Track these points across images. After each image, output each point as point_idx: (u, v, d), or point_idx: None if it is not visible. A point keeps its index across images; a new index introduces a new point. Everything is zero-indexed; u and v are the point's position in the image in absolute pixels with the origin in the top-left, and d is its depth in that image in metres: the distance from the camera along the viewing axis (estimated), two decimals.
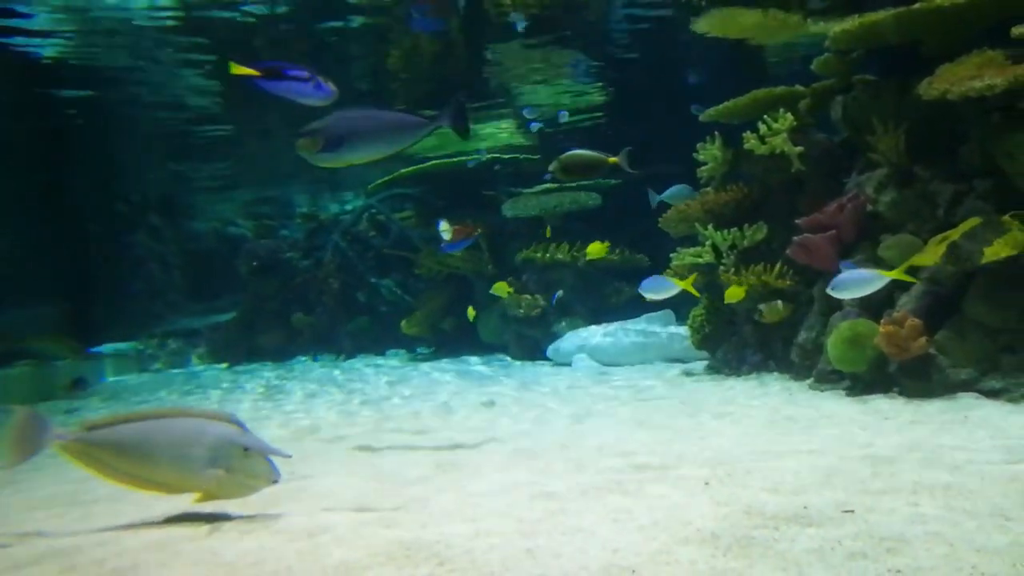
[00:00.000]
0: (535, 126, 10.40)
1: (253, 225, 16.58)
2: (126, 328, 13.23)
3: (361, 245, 13.28)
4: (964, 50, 5.70)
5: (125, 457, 3.38)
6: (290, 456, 3.64)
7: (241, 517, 3.62)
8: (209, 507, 3.53)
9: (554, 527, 3.15)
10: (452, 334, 11.49)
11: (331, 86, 4.12)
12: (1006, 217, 5.38)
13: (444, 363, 10.57)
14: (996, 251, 5.19)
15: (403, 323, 11.62)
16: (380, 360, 11.73)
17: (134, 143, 13.04)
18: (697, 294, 7.29)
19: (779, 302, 6.73)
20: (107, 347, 12.48)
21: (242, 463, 3.36)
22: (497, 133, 13.39)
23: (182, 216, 16.64)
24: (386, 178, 12.11)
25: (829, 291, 5.47)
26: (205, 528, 3.45)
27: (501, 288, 9.15)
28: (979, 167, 5.81)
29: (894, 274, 5.27)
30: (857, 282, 5.29)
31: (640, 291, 6.67)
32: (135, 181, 15.33)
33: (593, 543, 2.90)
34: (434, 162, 11.75)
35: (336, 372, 10.61)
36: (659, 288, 6.63)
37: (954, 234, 5.44)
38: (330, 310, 12.98)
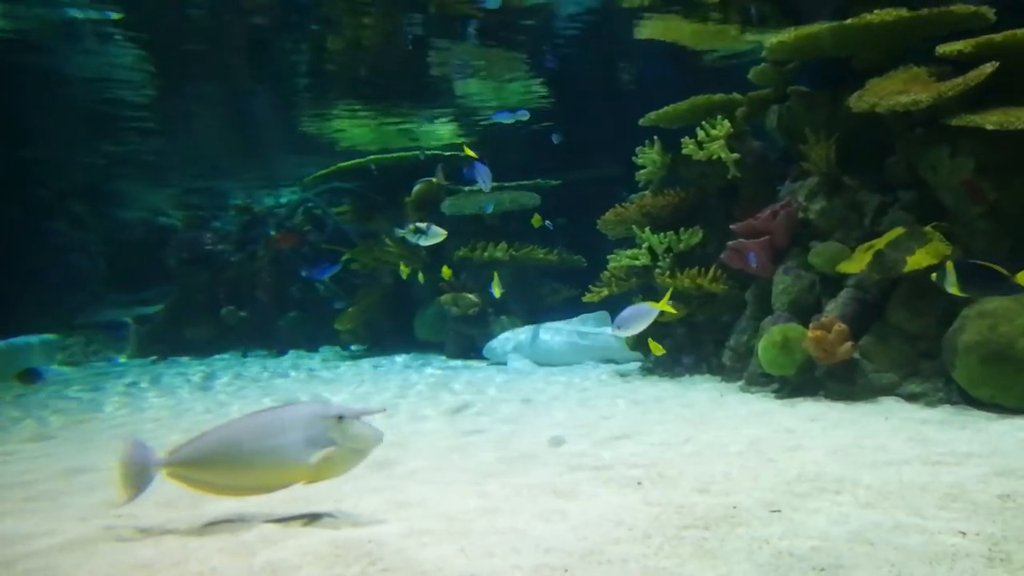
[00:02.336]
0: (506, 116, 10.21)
1: (184, 216, 16.12)
2: (43, 319, 12.68)
3: (296, 239, 13.03)
4: (893, 65, 5.91)
5: (223, 468, 3.16)
6: (384, 411, 3.48)
7: (162, 517, 3.51)
8: (130, 509, 3.40)
9: (487, 526, 3.14)
10: (388, 331, 11.37)
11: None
12: (928, 228, 5.59)
13: (379, 360, 10.45)
14: (918, 260, 5.38)
15: (337, 320, 11.46)
16: (312, 357, 11.53)
17: (52, 122, 12.40)
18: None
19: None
20: (23, 339, 11.96)
21: (342, 433, 3.14)
22: (437, 130, 13.31)
23: (108, 204, 16.05)
24: (323, 171, 11.91)
25: (614, 332, 5.46)
26: (129, 530, 3.33)
27: (446, 272, 9.02)
28: (904, 179, 6.02)
29: (660, 305, 5.30)
30: (636, 317, 5.27)
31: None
32: (56, 166, 14.67)
33: (526, 542, 2.90)
34: (373, 157, 11.61)
35: (262, 369, 10.39)
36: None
37: (879, 243, 5.62)
38: (262, 305, 12.72)
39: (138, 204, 17.33)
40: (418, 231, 7.06)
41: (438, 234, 7.09)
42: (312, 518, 3.37)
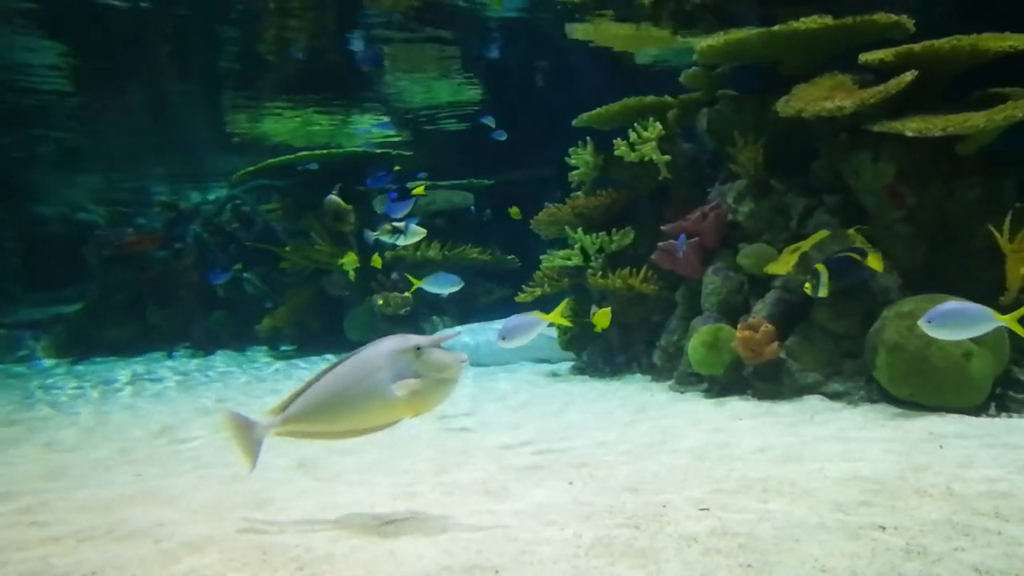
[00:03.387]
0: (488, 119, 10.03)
1: (105, 212, 15.55)
2: None
3: (223, 237, 12.70)
4: (818, 72, 6.06)
5: (326, 416, 3.14)
6: (459, 333, 3.35)
7: (82, 521, 3.35)
8: (31, 516, 3.24)
9: (417, 528, 3.09)
10: (318, 331, 11.17)
11: None
12: (851, 231, 5.75)
13: (310, 360, 10.26)
14: None
15: (265, 319, 11.20)
16: (240, 357, 11.24)
17: None
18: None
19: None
20: None
21: (424, 363, 3.06)
22: (369, 128, 13.16)
23: (21, 198, 15.35)
24: (251, 168, 11.63)
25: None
26: (35, 535, 3.17)
27: (351, 260, 8.63)
28: (829, 183, 6.18)
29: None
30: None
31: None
32: None
33: (456, 544, 2.86)
34: (303, 154, 11.40)
35: (192, 368, 10.10)
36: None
37: (805, 245, 5.76)
38: (188, 304, 12.35)
39: (55, 199, 16.63)
40: (395, 231, 6.76)
41: (417, 233, 6.80)
42: (238, 522, 3.27)
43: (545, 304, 8.61)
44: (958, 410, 4.98)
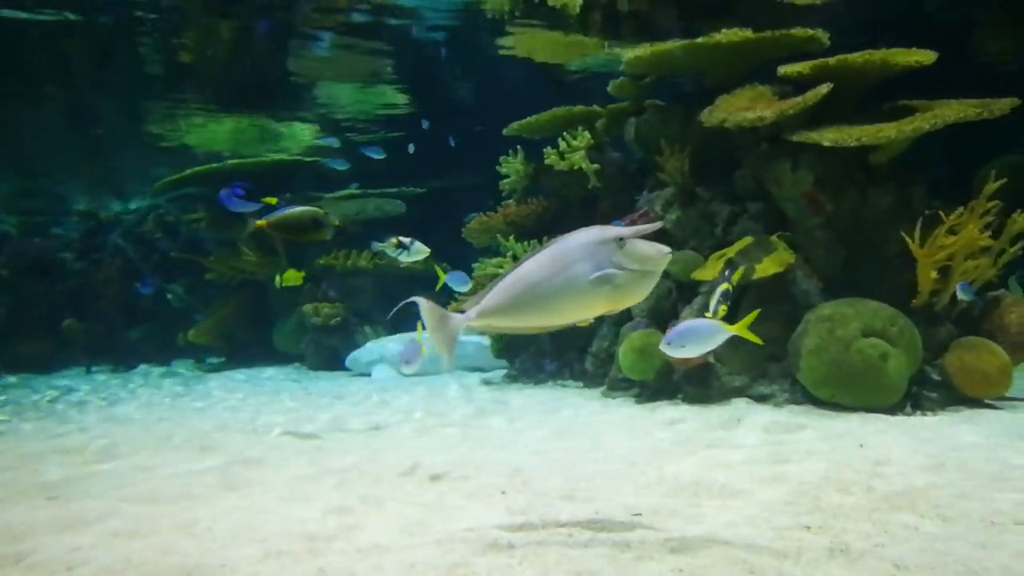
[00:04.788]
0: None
1: (17, 221, 14.89)
2: None
3: (146, 247, 12.31)
4: (740, 84, 6.23)
5: (520, 310, 2.95)
6: (661, 225, 3.14)
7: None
8: None
9: (348, 544, 3.03)
10: (246, 343, 10.92)
11: None
12: (774, 237, 5.92)
13: (238, 373, 10.02)
14: (765, 268, 5.69)
15: (190, 331, 10.89)
16: (164, 371, 10.90)
17: None
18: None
19: None
20: None
21: (627, 255, 2.86)
22: (299, 134, 12.95)
23: None
24: (175, 176, 11.31)
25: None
26: None
27: (293, 277, 8.34)
28: (752, 191, 6.35)
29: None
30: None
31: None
32: None
33: (388, 558, 2.82)
34: (231, 161, 11.15)
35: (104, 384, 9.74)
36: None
37: (730, 252, 5.90)
38: (108, 316, 11.92)
39: None
40: (400, 246, 6.57)
41: (422, 251, 6.64)
42: (160, 542, 3.15)
43: None
44: (877, 409, 5.17)
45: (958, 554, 2.66)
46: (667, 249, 2.88)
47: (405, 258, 6.54)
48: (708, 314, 4.67)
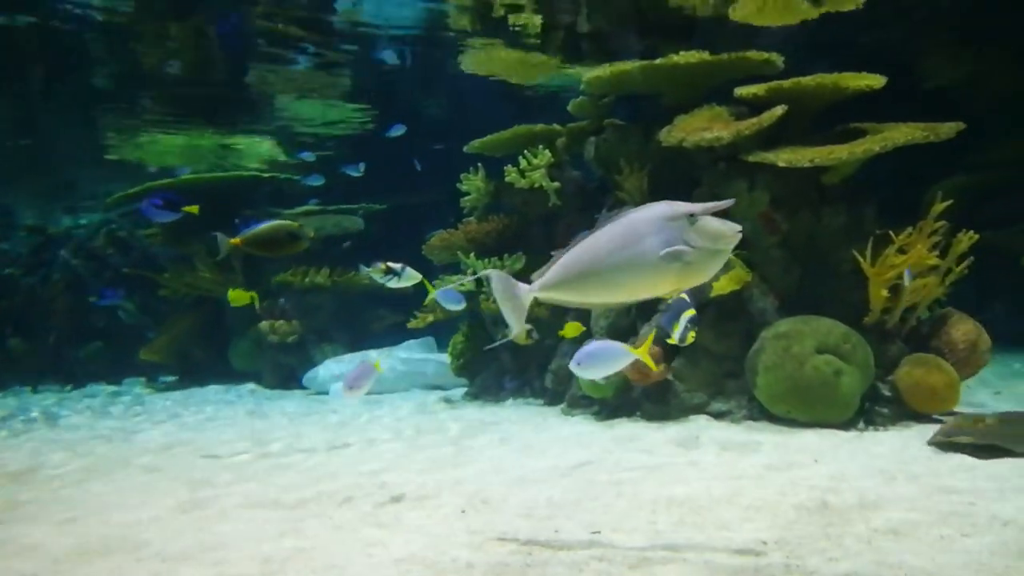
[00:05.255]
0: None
1: None
2: None
3: (97, 263, 12.03)
4: (698, 104, 6.33)
5: (585, 284, 2.90)
6: (732, 202, 3.00)
7: None
8: None
9: (304, 565, 2.99)
10: (201, 361, 10.70)
11: None
12: (731, 256, 6.00)
13: (190, 392, 9.82)
14: (723, 286, 5.76)
15: (142, 350, 10.64)
16: (116, 390, 10.64)
17: None
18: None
19: None
20: None
21: (697, 232, 2.77)
22: (256, 147, 12.82)
23: None
24: (129, 191, 11.08)
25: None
26: None
27: (240, 297, 7.95)
28: None
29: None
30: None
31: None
32: None
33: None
34: (187, 176, 10.99)
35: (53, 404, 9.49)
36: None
37: None
38: (57, 334, 11.61)
39: None
40: (390, 272, 6.40)
41: (413, 277, 6.50)
42: (109, 568, 3.06)
43: (438, 330, 8.60)
44: (831, 425, 5.25)
45: (910, 567, 2.71)
46: (738, 227, 2.82)
47: (395, 284, 6.43)
48: (673, 340, 4.68)
